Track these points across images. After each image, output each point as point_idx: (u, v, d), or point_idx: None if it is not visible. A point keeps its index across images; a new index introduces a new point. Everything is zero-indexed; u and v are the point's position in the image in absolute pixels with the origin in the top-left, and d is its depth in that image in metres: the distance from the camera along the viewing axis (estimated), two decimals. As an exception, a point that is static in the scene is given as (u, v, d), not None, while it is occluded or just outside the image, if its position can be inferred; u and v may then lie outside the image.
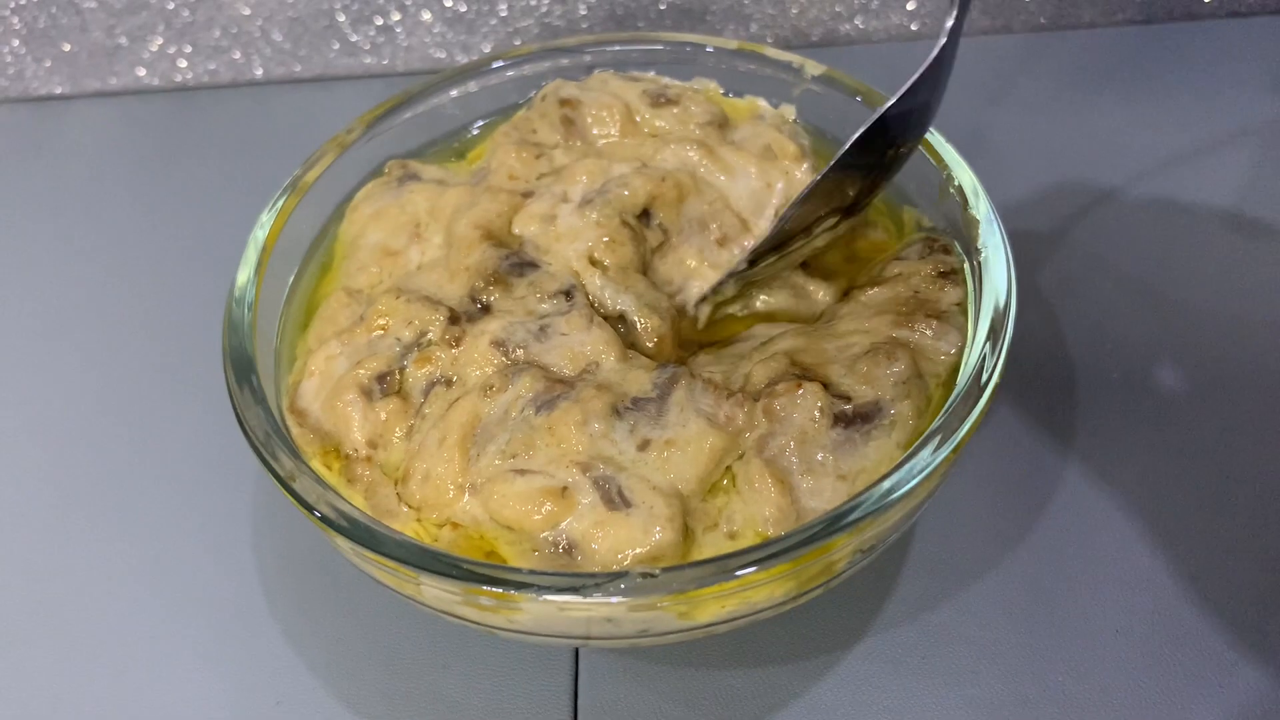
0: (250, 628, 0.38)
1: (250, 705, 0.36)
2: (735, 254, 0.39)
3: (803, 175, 0.41)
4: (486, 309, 0.36)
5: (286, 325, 0.38)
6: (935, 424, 0.31)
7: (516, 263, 0.37)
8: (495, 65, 0.45)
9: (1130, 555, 0.38)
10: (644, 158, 0.41)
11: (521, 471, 0.32)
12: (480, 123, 0.45)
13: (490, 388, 0.34)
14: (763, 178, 0.41)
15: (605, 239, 0.37)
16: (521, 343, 0.35)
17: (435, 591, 0.30)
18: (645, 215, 0.39)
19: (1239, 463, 0.40)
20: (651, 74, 0.45)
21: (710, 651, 0.37)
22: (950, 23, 0.34)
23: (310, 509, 0.31)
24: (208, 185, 0.57)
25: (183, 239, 0.54)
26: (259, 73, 0.63)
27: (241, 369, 0.34)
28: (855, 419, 0.33)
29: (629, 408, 0.33)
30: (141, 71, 0.63)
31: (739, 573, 0.29)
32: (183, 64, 0.63)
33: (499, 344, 0.35)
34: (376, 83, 0.63)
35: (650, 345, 0.36)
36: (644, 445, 0.32)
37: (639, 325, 0.36)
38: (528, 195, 0.40)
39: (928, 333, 0.35)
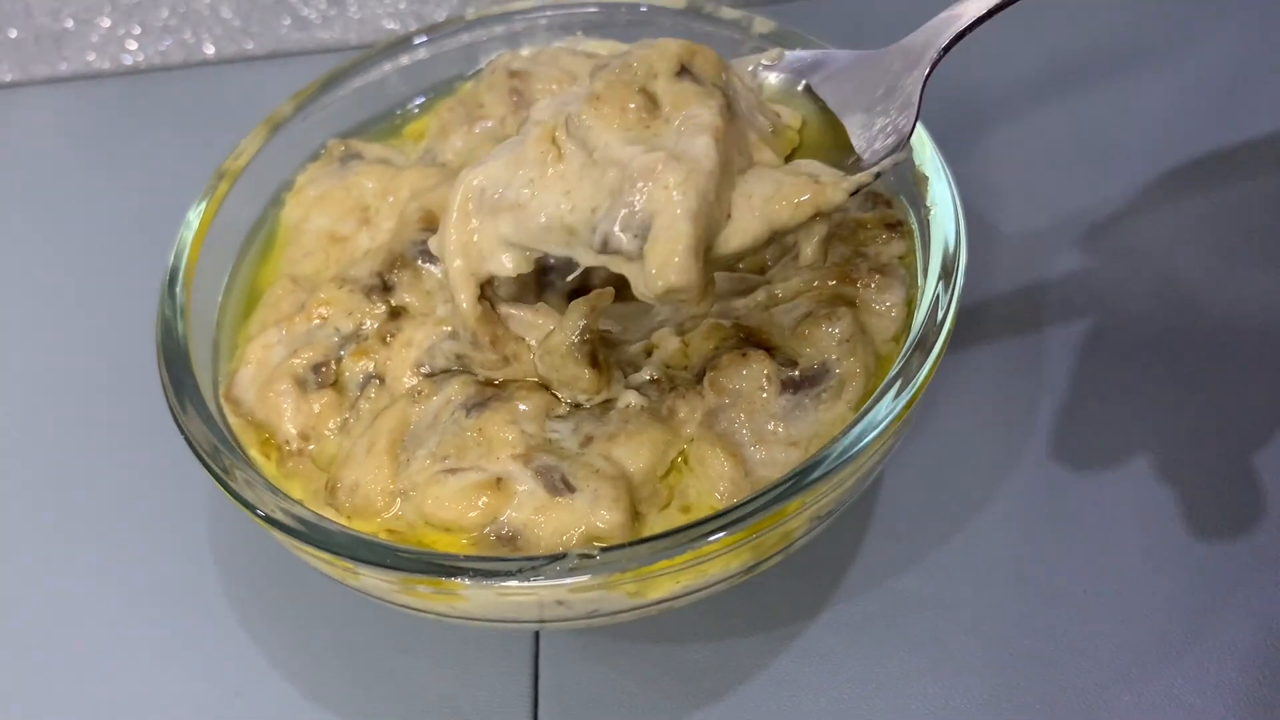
0: (208, 617, 0.38)
1: (210, 695, 0.36)
2: None
3: None
4: (389, 289, 0.35)
5: (227, 313, 0.37)
6: (893, 371, 0.31)
7: (425, 249, 0.36)
8: (435, 36, 0.44)
9: (1099, 514, 0.37)
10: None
11: (453, 470, 0.31)
12: (421, 98, 0.44)
13: (419, 393, 0.33)
14: None
15: None
16: (442, 366, 0.34)
17: (374, 582, 0.29)
18: None
19: (1213, 416, 0.39)
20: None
21: (672, 626, 0.36)
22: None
23: (252, 508, 0.30)
24: (164, 169, 0.56)
25: (140, 225, 0.52)
26: (210, 51, 0.62)
27: (174, 362, 0.33)
28: (803, 383, 0.32)
29: (566, 412, 0.32)
30: (91, 56, 0.62)
31: (682, 548, 0.28)
32: (132, 45, 0.62)
33: (419, 365, 0.34)
34: (330, 57, 0.61)
35: None
36: (586, 441, 0.32)
37: None
38: None
39: (870, 286, 0.34)
